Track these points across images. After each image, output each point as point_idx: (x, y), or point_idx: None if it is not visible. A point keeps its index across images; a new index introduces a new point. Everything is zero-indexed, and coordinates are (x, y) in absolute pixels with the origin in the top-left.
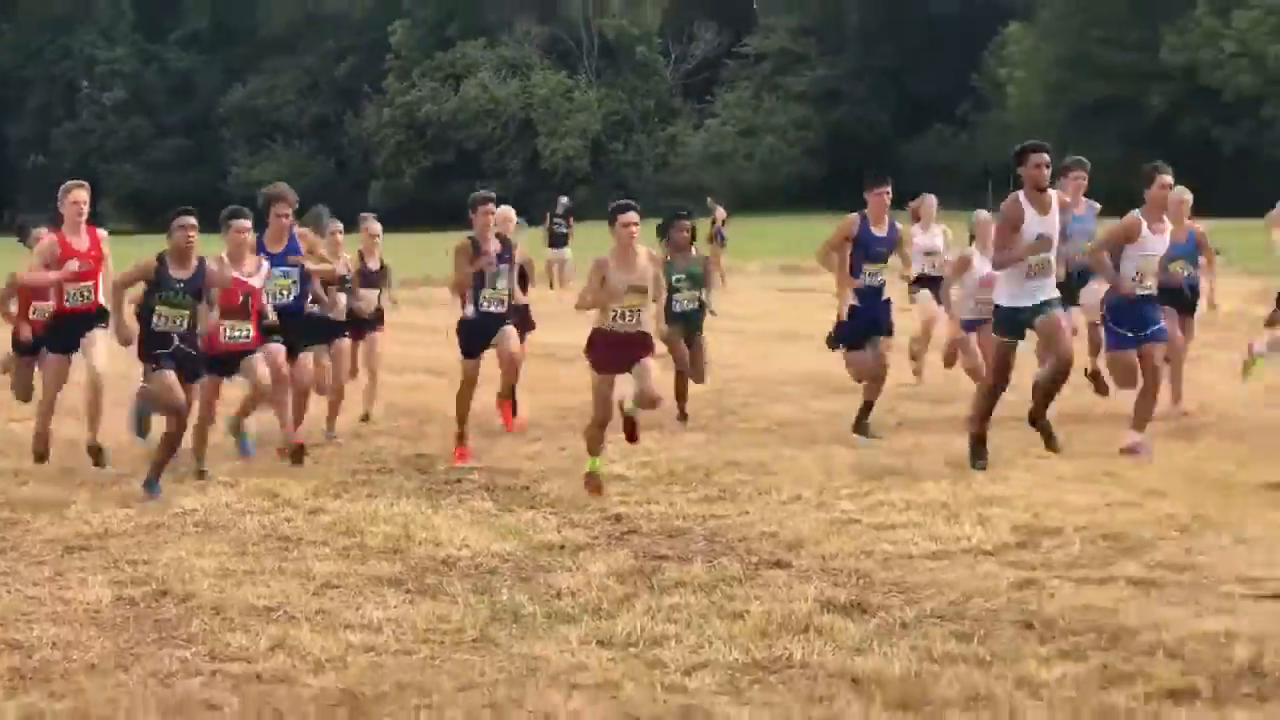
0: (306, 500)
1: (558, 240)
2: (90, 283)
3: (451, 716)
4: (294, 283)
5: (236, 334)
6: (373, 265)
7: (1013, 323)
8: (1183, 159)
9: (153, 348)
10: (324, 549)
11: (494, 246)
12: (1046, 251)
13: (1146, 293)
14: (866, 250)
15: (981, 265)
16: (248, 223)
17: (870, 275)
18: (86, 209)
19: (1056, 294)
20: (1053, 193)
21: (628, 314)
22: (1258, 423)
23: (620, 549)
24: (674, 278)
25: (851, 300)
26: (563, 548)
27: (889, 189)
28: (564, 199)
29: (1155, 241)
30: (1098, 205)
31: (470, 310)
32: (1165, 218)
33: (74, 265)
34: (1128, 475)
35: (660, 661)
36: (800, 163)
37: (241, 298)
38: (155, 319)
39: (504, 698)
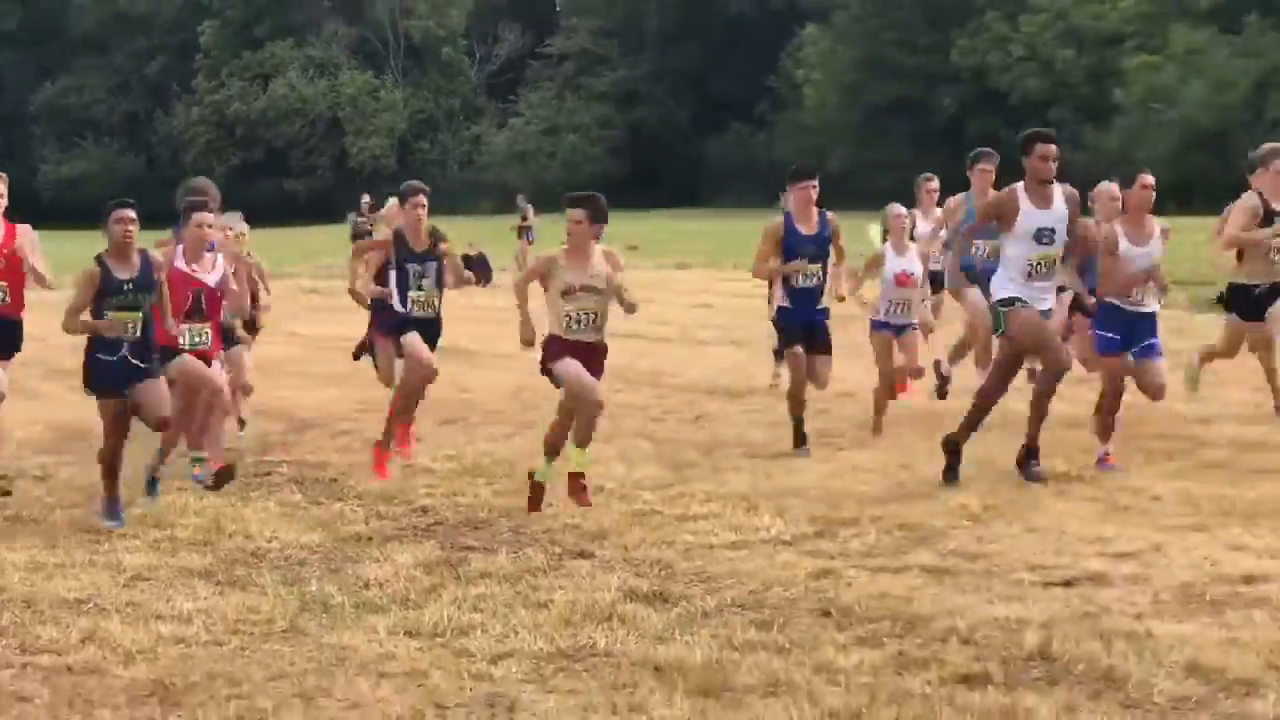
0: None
1: (362, 239)
2: (4, 284)
3: (261, 706)
4: None
5: (197, 339)
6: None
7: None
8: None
9: (100, 356)
10: (134, 541)
11: (422, 243)
12: (1049, 247)
13: (1146, 310)
14: (793, 252)
15: (894, 262)
16: (210, 216)
17: (803, 278)
18: (4, 202)
19: (1054, 303)
20: (1058, 186)
21: (583, 317)
22: (1053, 419)
23: (427, 540)
24: None
25: (782, 301)
26: (370, 539)
27: (814, 183)
28: (366, 197)
29: (1137, 254)
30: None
31: (398, 305)
32: (1148, 222)
33: None
34: (921, 467)
35: (467, 650)
36: (602, 161)
37: (191, 297)
38: None
39: (313, 687)
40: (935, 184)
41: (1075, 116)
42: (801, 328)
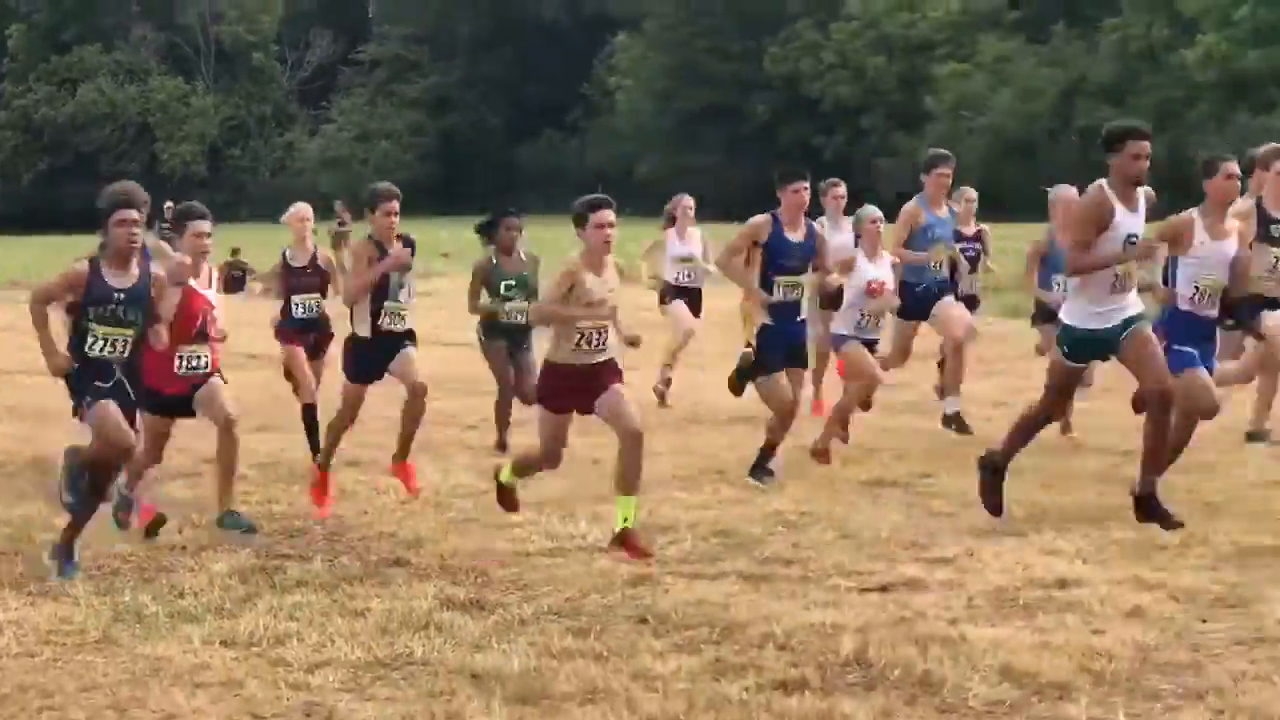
0: None
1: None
2: None
3: (74, 717)
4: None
5: (195, 364)
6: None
7: (1086, 347)
8: (784, 164)
9: (89, 380)
10: None
11: (404, 253)
12: (1133, 257)
13: (1209, 314)
14: (778, 259)
15: (866, 269)
16: (209, 224)
17: (785, 289)
18: None
19: (1141, 308)
20: (1142, 189)
21: (595, 336)
22: (857, 421)
23: (242, 549)
24: (502, 284)
25: (764, 318)
26: (185, 548)
27: (806, 185)
28: (169, 203)
29: (1216, 249)
30: (958, 208)
31: (364, 329)
32: (1231, 219)
33: None
34: (737, 473)
35: (283, 660)
36: (415, 168)
37: (200, 317)
38: (90, 342)
39: (127, 698)
40: (842, 189)
41: (887, 124)
42: (784, 346)
